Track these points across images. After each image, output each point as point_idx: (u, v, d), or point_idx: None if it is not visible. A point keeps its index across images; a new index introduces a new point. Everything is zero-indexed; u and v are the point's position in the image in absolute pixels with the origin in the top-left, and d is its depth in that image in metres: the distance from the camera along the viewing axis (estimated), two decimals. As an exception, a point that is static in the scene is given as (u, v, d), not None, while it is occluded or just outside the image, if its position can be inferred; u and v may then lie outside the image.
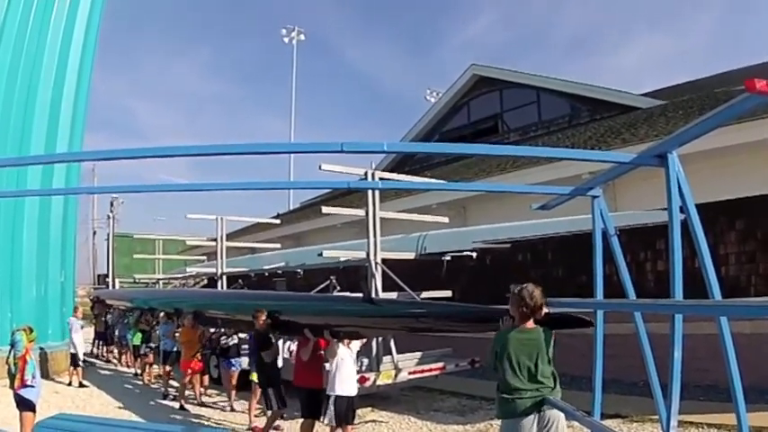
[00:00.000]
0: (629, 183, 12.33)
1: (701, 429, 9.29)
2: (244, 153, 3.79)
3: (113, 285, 35.88)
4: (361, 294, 9.56)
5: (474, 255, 12.53)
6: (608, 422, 9.85)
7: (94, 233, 63.12)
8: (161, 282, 27.90)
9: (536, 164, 13.89)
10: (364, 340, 10.33)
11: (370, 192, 11.28)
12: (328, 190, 27.49)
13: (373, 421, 10.62)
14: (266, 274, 18.65)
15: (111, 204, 52.82)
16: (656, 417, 5.18)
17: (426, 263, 12.83)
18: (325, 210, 13.01)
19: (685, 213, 3.55)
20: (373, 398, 11.80)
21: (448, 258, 12.59)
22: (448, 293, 11.51)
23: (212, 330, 13.45)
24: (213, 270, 18.24)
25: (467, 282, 15.19)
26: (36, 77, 18.11)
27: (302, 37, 53.01)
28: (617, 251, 4.62)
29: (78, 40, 19.41)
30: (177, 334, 13.68)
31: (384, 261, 11.32)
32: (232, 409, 12.43)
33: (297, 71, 52.66)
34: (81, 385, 15.83)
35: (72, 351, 16.10)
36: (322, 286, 12.47)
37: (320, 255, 12.01)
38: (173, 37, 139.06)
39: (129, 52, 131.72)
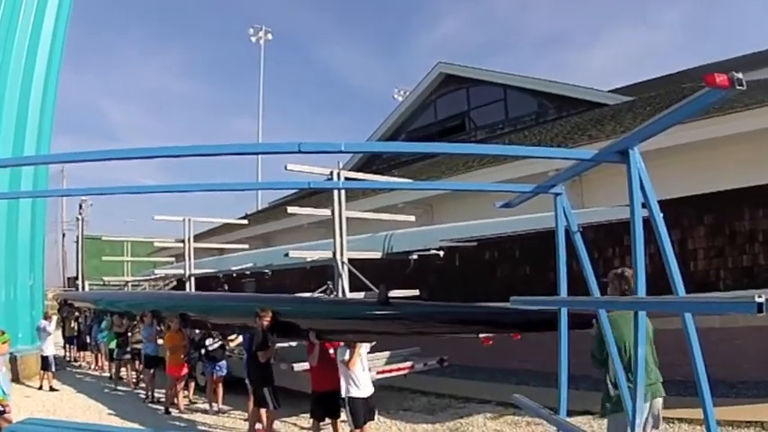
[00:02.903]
0: (597, 179, 12.40)
1: (671, 424, 9.33)
2: (201, 155, 3.70)
3: (83, 288, 35.43)
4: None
5: (441, 253, 12.47)
6: (578, 419, 9.89)
7: (63, 236, 62.32)
8: (130, 284, 27.66)
9: (503, 162, 13.87)
10: (374, 342, 10.26)
11: (335, 191, 11.19)
12: (297, 190, 27.36)
13: (343, 421, 10.55)
14: (234, 275, 18.53)
15: (80, 207, 52.44)
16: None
17: (394, 262, 12.76)
18: (290, 210, 12.84)
19: (647, 210, 3.52)
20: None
21: (415, 257, 12.53)
22: (415, 292, 11.46)
23: (198, 332, 13.32)
24: (181, 271, 18.08)
25: (434, 280, 15.18)
26: (3, 80, 17.86)
27: (269, 36, 52.91)
28: (580, 248, 4.59)
29: (45, 41, 19.22)
30: (161, 340, 13.52)
31: (351, 261, 11.26)
32: (223, 413, 12.40)
33: (266, 71, 52.50)
34: (52, 389, 15.66)
35: (43, 354, 15.96)
36: (320, 290, 12.25)
37: (287, 255, 11.88)
38: (144, 36, 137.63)
39: (99, 52, 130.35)
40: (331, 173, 10.85)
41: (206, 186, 6.41)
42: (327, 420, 9.73)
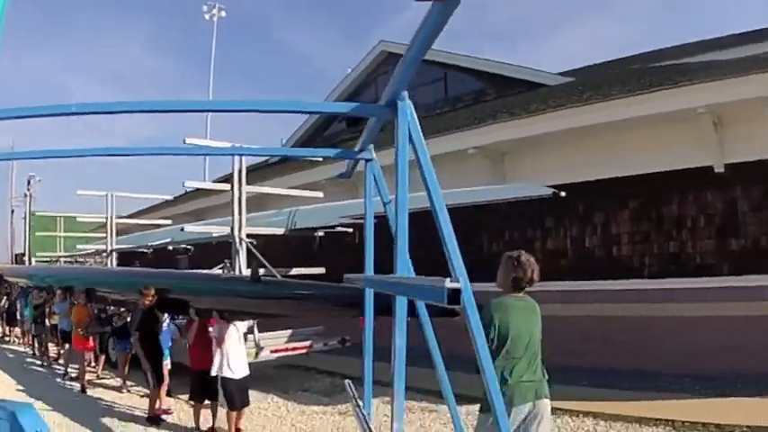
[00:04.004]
0: (521, 154, 12.11)
1: (576, 418, 8.78)
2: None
3: (30, 263, 35.12)
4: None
5: (350, 230, 12.06)
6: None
7: (12, 212, 61.53)
8: (61, 260, 27.39)
9: (434, 135, 13.40)
10: (253, 321, 10.08)
11: (236, 166, 10.86)
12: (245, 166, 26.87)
13: (221, 405, 10.23)
14: (152, 250, 18.27)
15: (29, 182, 51.81)
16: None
17: (301, 239, 12.43)
18: (188, 183, 12.52)
19: (419, 170, 3.02)
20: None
21: (321, 234, 12.13)
22: (321, 270, 11.13)
23: (107, 309, 13.14)
24: (104, 246, 17.97)
25: (341, 258, 14.79)
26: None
27: (223, 14, 52.18)
28: (392, 220, 4.12)
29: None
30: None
31: (256, 237, 11.01)
32: (128, 391, 11.99)
33: (219, 49, 52.05)
34: None
35: None
36: (218, 267, 11.80)
37: (182, 230, 11.51)
38: (105, 11, 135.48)
39: (58, 28, 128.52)
40: (232, 146, 10.43)
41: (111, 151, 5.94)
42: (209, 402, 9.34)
